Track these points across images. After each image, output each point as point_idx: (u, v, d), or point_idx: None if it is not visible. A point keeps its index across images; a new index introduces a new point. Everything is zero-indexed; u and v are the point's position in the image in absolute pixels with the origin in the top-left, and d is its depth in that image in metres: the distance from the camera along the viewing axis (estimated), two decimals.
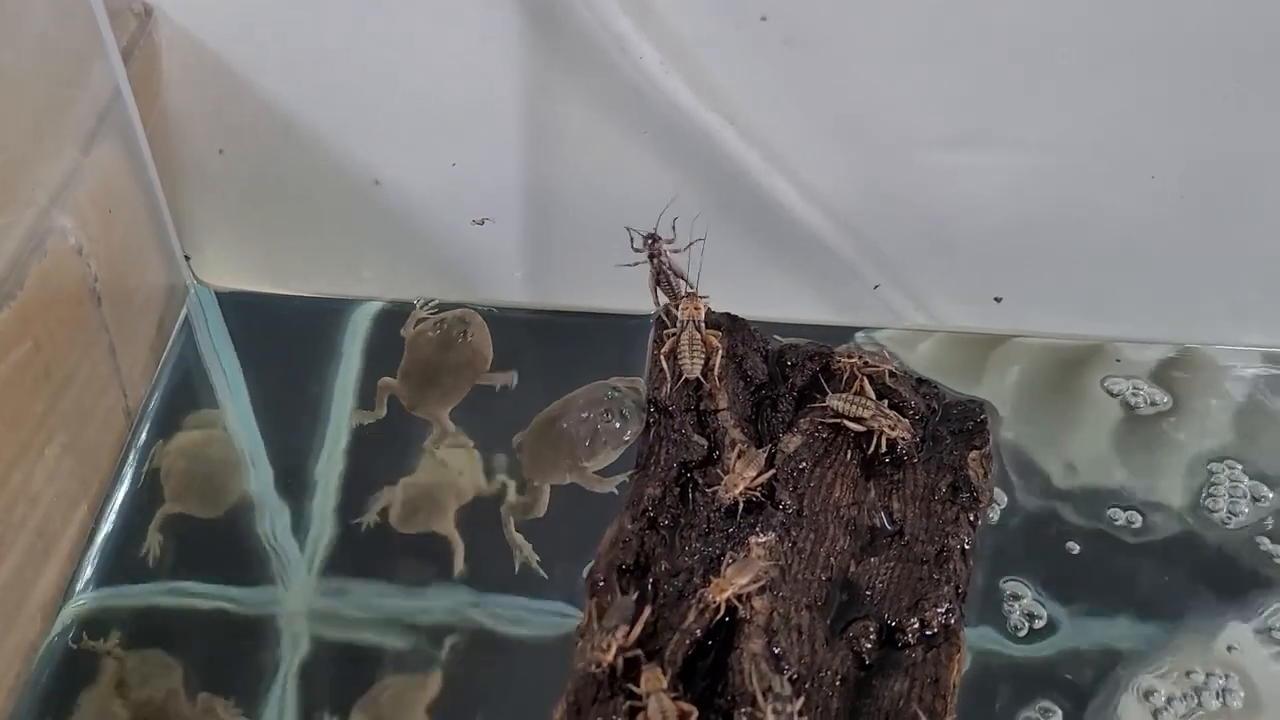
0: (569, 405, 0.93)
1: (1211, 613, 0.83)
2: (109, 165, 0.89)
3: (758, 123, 0.92)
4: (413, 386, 0.97)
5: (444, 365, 0.97)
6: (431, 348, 0.98)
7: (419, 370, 0.97)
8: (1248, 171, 0.92)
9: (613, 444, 0.91)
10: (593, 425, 0.91)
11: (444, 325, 1.00)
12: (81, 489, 0.86)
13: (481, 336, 0.99)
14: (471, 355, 0.98)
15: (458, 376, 0.97)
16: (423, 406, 0.96)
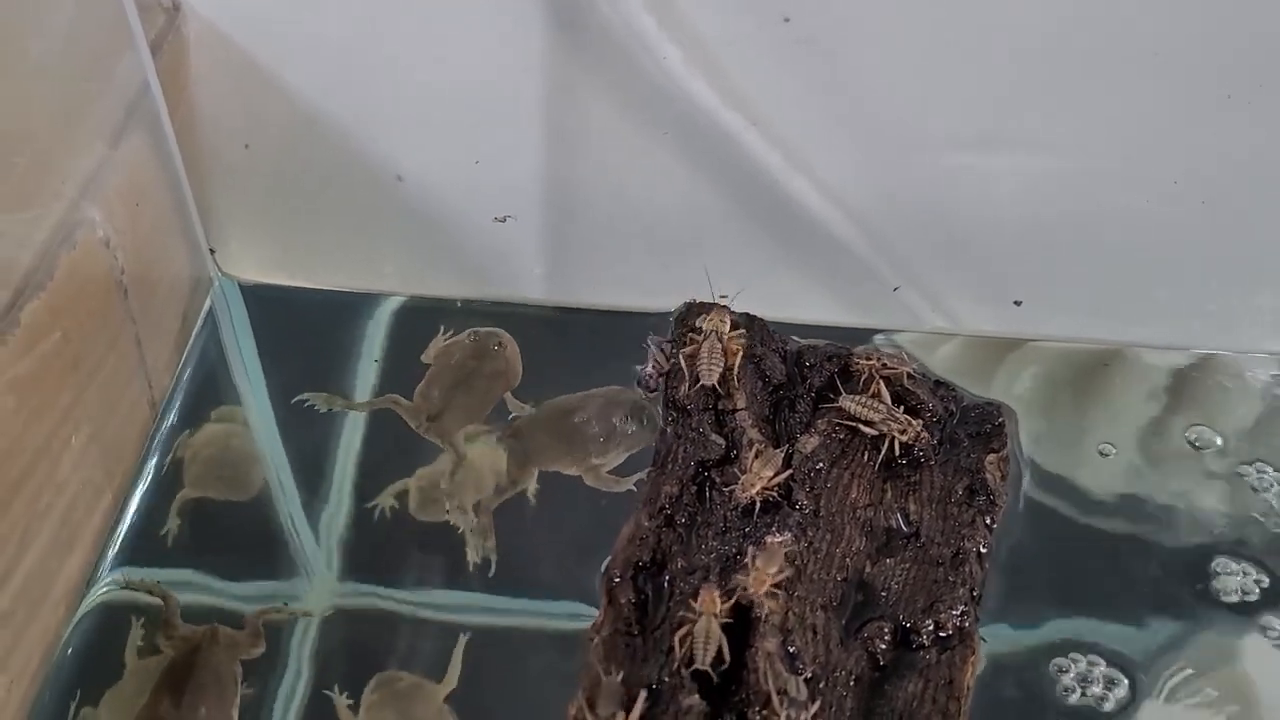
0: (587, 401, 0.94)
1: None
2: (136, 159, 0.90)
3: (779, 124, 0.92)
4: (442, 391, 0.95)
5: (479, 371, 0.97)
6: (465, 354, 0.98)
7: (450, 376, 0.96)
8: (1272, 177, 0.91)
9: (626, 446, 0.91)
10: (610, 425, 0.92)
11: (478, 335, 1.00)
12: (106, 478, 0.87)
13: (514, 352, 0.99)
14: (505, 367, 0.98)
15: (491, 385, 0.96)
16: (448, 414, 0.94)
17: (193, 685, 0.80)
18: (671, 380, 0.87)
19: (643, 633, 0.75)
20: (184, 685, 0.80)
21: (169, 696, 0.79)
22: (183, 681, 0.80)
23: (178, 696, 0.79)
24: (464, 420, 0.94)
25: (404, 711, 0.78)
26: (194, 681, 0.80)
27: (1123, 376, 0.99)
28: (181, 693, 0.79)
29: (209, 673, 0.80)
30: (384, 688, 0.80)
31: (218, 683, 0.80)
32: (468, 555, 0.87)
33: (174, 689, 0.79)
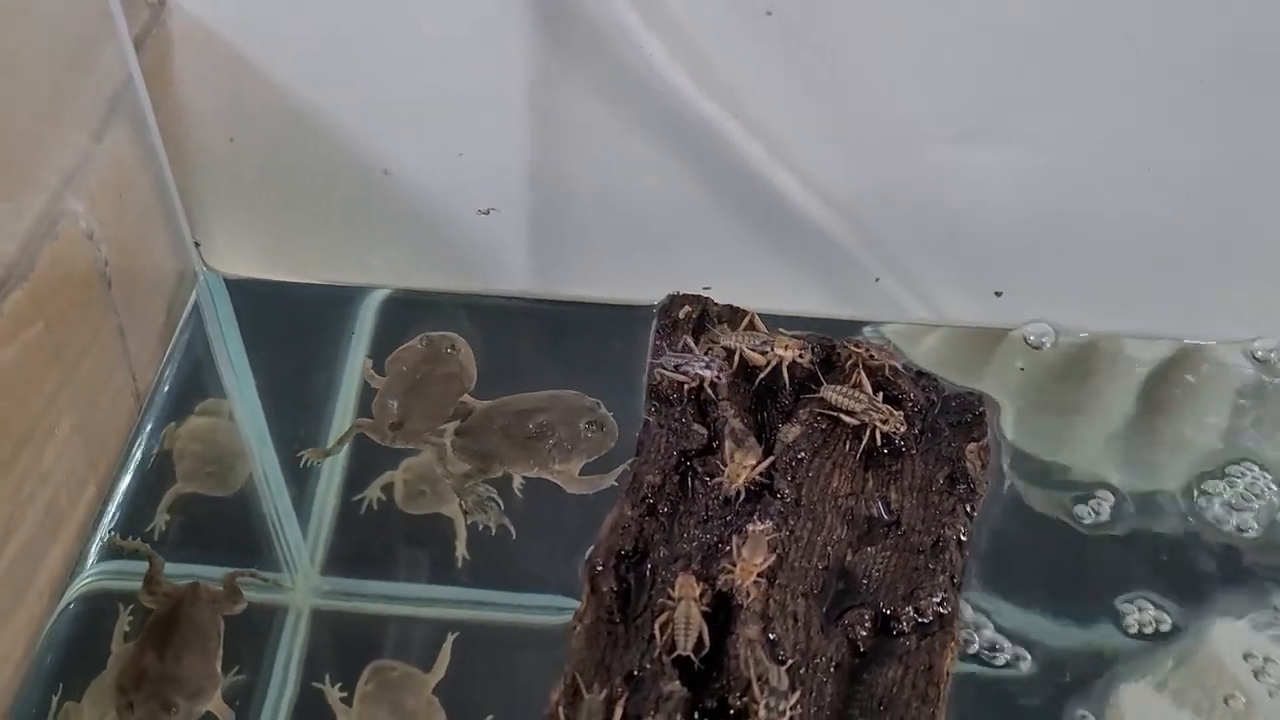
0: (549, 404, 0.94)
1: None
2: (120, 151, 0.90)
3: (762, 115, 0.92)
4: (399, 398, 0.94)
5: (432, 375, 0.96)
6: (418, 359, 0.97)
7: (403, 382, 0.95)
8: (1255, 170, 0.92)
9: (589, 452, 0.91)
10: (576, 431, 0.92)
11: (430, 339, 0.99)
12: (90, 469, 0.87)
13: (468, 354, 0.98)
14: (459, 369, 0.97)
15: (446, 387, 0.95)
16: (410, 421, 0.93)
17: (176, 639, 0.80)
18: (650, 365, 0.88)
19: (625, 621, 0.75)
20: (168, 638, 0.80)
21: (153, 649, 0.80)
22: (167, 635, 0.81)
23: (161, 649, 0.80)
24: (427, 423, 0.94)
25: (395, 702, 0.79)
26: (178, 635, 0.81)
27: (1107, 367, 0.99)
28: (165, 645, 0.80)
29: (192, 626, 0.81)
30: (378, 677, 0.80)
31: (200, 636, 0.81)
32: (490, 522, 0.87)
33: (158, 642, 0.80)
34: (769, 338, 0.87)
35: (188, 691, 0.78)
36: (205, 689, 0.79)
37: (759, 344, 0.86)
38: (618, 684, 0.70)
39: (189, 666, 0.79)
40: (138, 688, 0.78)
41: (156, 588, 0.83)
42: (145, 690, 0.78)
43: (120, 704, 0.78)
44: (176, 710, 0.78)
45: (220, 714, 0.79)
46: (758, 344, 0.86)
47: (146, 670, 0.79)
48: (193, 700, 0.78)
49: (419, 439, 0.93)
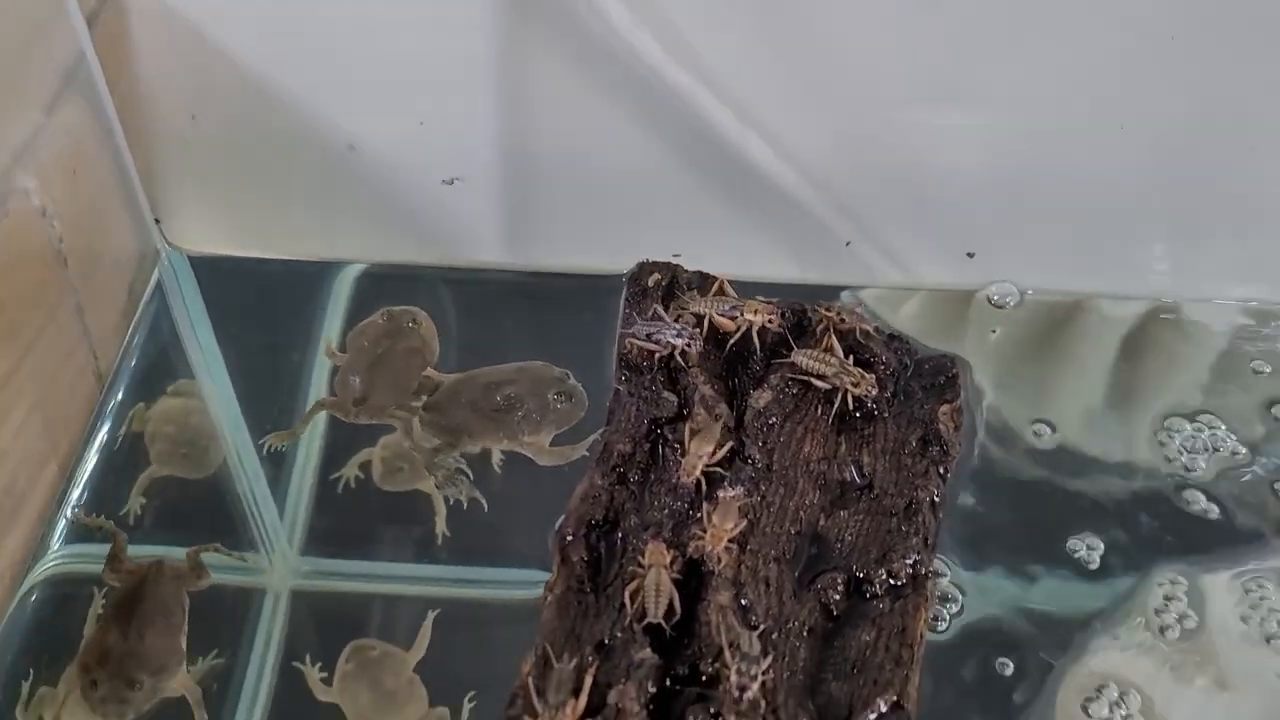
0: (516, 376, 0.93)
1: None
2: (74, 127, 0.89)
3: (731, 81, 0.91)
4: (362, 374, 0.93)
5: (394, 349, 0.95)
6: (379, 334, 0.96)
7: (365, 358, 0.95)
8: (1216, 121, 0.91)
9: (557, 424, 0.91)
10: (545, 402, 0.91)
11: (392, 314, 0.98)
12: (50, 449, 0.86)
13: (430, 328, 0.97)
14: (421, 343, 0.96)
15: (409, 361, 0.94)
16: (374, 396, 0.92)
17: (140, 615, 0.80)
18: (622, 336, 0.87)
19: (595, 590, 0.74)
20: (130, 615, 0.80)
21: (116, 627, 0.79)
22: (129, 612, 0.80)
23: (124, 627, 0.79)
24: (391, 398, 0.93)
25: (376, 681, 0.78)
26: (141, 611, 0.80)
27: (1083, 327, 0.98)
28: (128, 623, 0.79)
29: (155, 603, 0.80)
30: (357, 656, 0.80)
31: (164, 612, 0.80)
32: (460, 496, 0.87)
33: (121, 620, 0.80)
34: (739, 303, 0.86)
35: (151, 668, 0.78)
36: (169, 665, 0.78)
37: (728, 309, 0.85)
38: (588, 653, 0.69)
39: (152, 643, 0.79)
40: (101, 666, 0.77)
41: (120, 565, 0.83)
42: (109, 668, 0.77)
43: (84, 682, 0.77)
44: (140, 687, 0.77)
45: (186, 690, 0.78)
46: (727, 309, 0.85)
47: (110, 648, 0.78)
48: (157, 676, 0.78)
49: (384, 414, 0.92)
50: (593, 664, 0.68)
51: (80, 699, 0.77)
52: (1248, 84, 0.89)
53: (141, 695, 0.77)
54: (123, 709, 0.76)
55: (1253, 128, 0.91)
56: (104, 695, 0.76)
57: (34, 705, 0.77)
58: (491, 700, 0.75)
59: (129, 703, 0.76)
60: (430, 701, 0.78)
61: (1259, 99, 0.90)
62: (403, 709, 0.78)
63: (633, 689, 0.66)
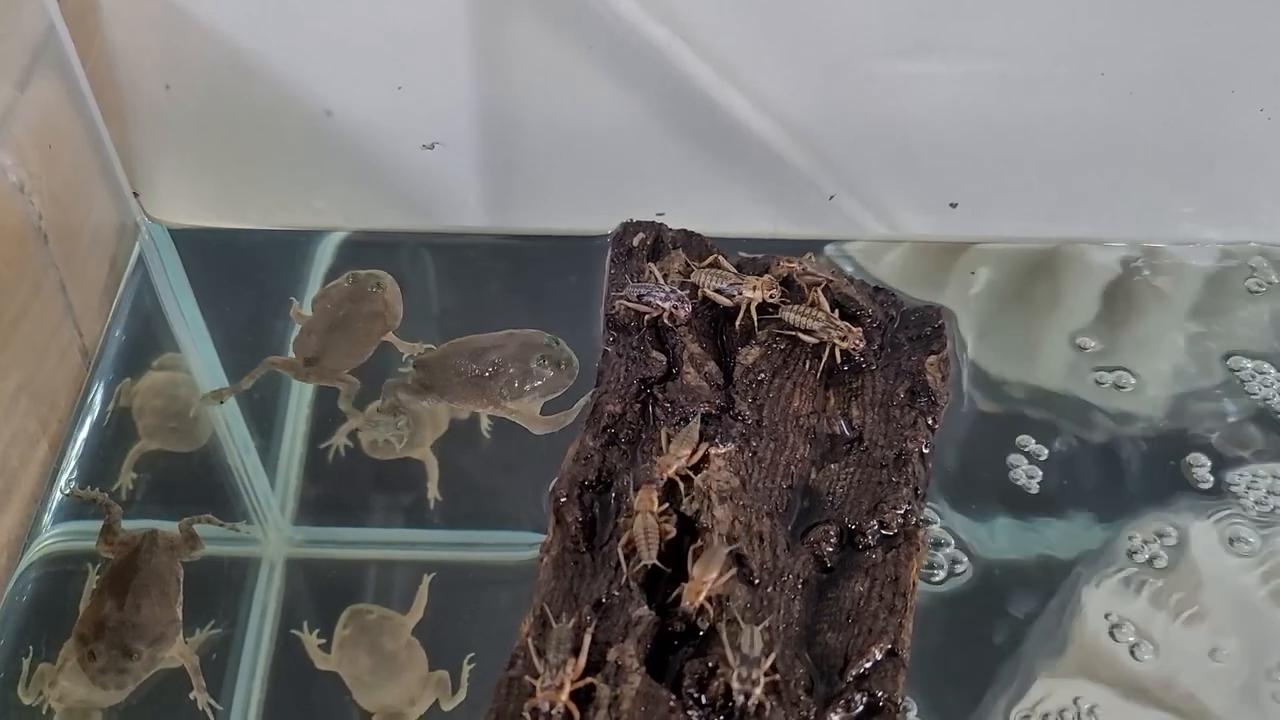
0: (498, 340, 0.93)
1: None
2: (47, 101, 0.88)
3: (709, 37, 0.91)
4: (319, 335, 0.93)
5: (355, 314, 0.94)
6: (342, 295, 0.96)
7: (326, 319, 0.94)
8: (1195, 65, 0.91)
9: (542, 390, 0.90)
10: (527, 368, 0.91)
11: (357, 277, 0.97)
12: (40, 427, 0.86)
13: (394, 293, 0.96)
14: (383, 308, 0.95)
15: (369, 326, 0.94)
16: (328, 358, 0.92)
17: (135, 585, 0.80)
18: (609, 297, 0.87)
19: (591, 550, 0.75)
20: (126, 586, 0.80)
21: (112, 599, 0.79)
22: (125, 583, 0.80)
23: (120, 598, 0.79)
24: (344, 363, 0.92)
25: (374, 644, 0.79)
26: (136, 582, 0.80)
27: (1067, 273, 0.99)
28: (124, 594, 0.79)
29: (150, 573, 0.81)
30: (355, 621, 0.80)
31: (159, 582, 0.80)
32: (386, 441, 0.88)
33: (116, 591, 0.80)
34: (738, 279, 0.84)
35: (148, 638, 0.78)
36: (166, 635, 0.79)
37: (727, 285, 0.84)
38: (586, 612, 0.70)
39: (148, 613, 0.79)
40: (98, 637, 0.78)
41: (113, 537, 0.83)
42: (106, 639, 0.77)
43: (81, 654, 0.77)
44: (138, 657, 0.77)
45: (184, 658, 0.78)
46: (725, 285, 0.84)
47: (106, 619, 0.78)
48: (154, 646, 0.78)
49: (334, 378, 0.92)
50: (591, 623, 0.69)
51: (78, 670, 0.77)
52: (1225, 28, 0.89)
53: (140, 665, 0.77)
54: (121, 679, 0.77)
55: (1231, 71, 0.91)
56: (102, 666, 0.77)
57: (34, 681, 0.77)
58: (490, 660, 0.76)
59: (128, 673, 0.77)
60: (430, 664, 0.79)
61: (1237, 42, 0.90)
62: (402, 672, 0.78)
63: (631, 646, 0.66)
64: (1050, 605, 0.80)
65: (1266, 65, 0.91)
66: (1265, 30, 0.89)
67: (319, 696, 0.78)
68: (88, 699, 0.77)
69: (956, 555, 0.82)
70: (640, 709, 0.64)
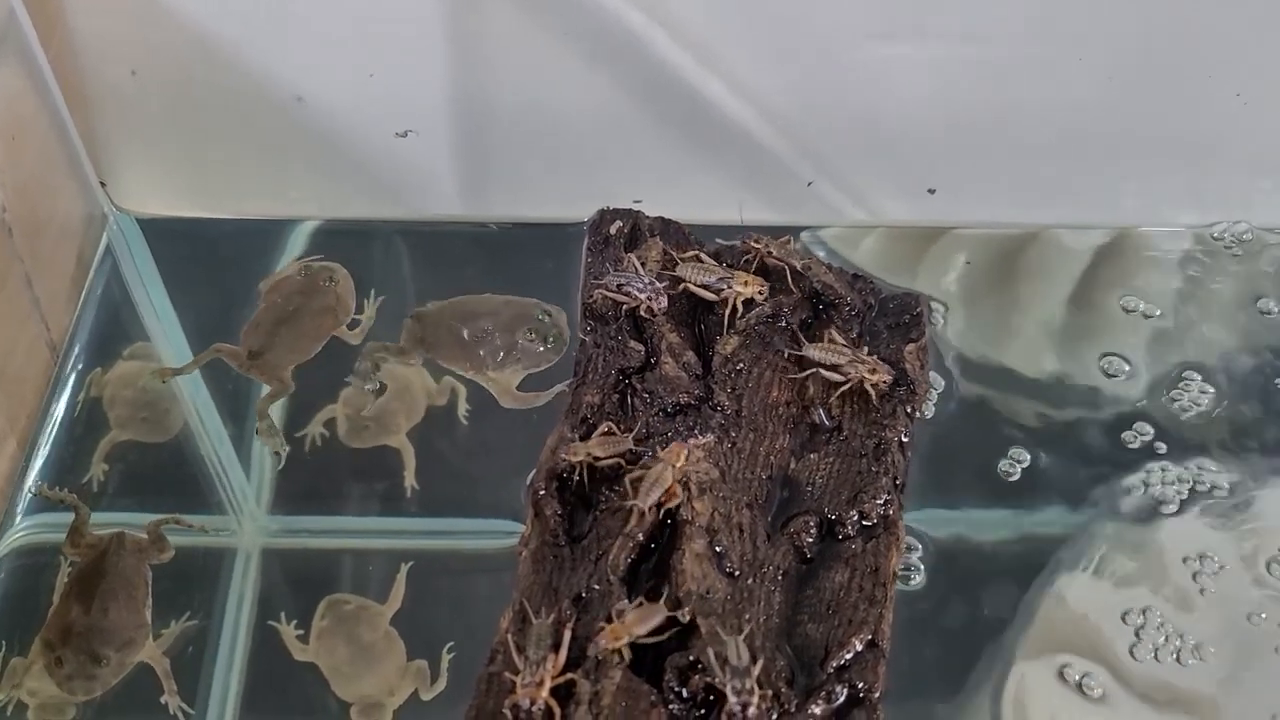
0: (501, 308, 0.92)
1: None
2: (9, 91, 0.86)
3: (686, 22, 0.90)
4: (265, 330, 0.92)
5: (306, 307, 0.93)
6: (293, 288, 0.94)
7: (275, 313, 0.93)
8: (1172, 50, 0.91)
9: (525, 363, 0.90)
10: (513, 340, 0.90)
11: (310, 270, 0.96)
12: (8, 424, 0.85)
13: (347, 287, 0.95)
14: (335, 302, 0.94)
15: (319, 320, 0.93)
16: (272, 353, 0.91)
17: (102, 589, 0.79)
18: (586, 285, 0.86)
19: (571, 543, 0.74)
20: (93, 590, 0.79)
21: (79, 602, 0.78)
22: (91, 587, 0.79)
23: (87, 602, 0.78)
24: (290, 358, 0.91)
25: (352, 635, 0.78)
26: (103, 586, 0.79)
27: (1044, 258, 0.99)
28: (91, 598, 0.79)
29: (117, 576, 0.80)
30: (332, 612, 0.79)
31: (127, 585, 0.79)
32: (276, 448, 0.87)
33: (82, 595, 0.79)
34: (726, 274, 0.84)
35: (117, 643, 0.77)
36: (135, 639, 0.78)
37: (715, 280, 0.84)
38: (566, 607, 0.70)
39: (116, 618, 0.78)
40: (65, 642, 0.77)
41: (80, 539, 0.81)
42: (73, 644, 0.77)
43: (49, 660, 0.76)
44: (107, 662, 0.76)
45: (154, 662, 0.78)
46: (713, 281, 0.84)
47: (72, 624, 0.77)
48: (123, 651, 0.77)
49: (274, 375, 0.90)
50: (571, 618, 0.69)
51: (45, 675, 0.76)
52: (1202, 13, 0.89)
53: (108, 670, 0.76)
54: (90, 685, 0.76)
55: (1209, 57, 0.91)
56: (70, 672, 0.76)
57: (6, 677, 0.76)
58: (470, 650, 0.76)
59: (96, 679, 0.76)
60: (408, 654, 0.78)
61: (1214, 28, 0.90)
62: (381, 662, 0.78)
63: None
64: (1030, 592, 0.80)
65: (1243, 51, 0.91)
66: (1242, 16, 0.89)
67: (297, 688, 0.78)
68: (60, 695, 0.76)
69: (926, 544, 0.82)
70: (621, 704, 0.64)
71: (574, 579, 0.72)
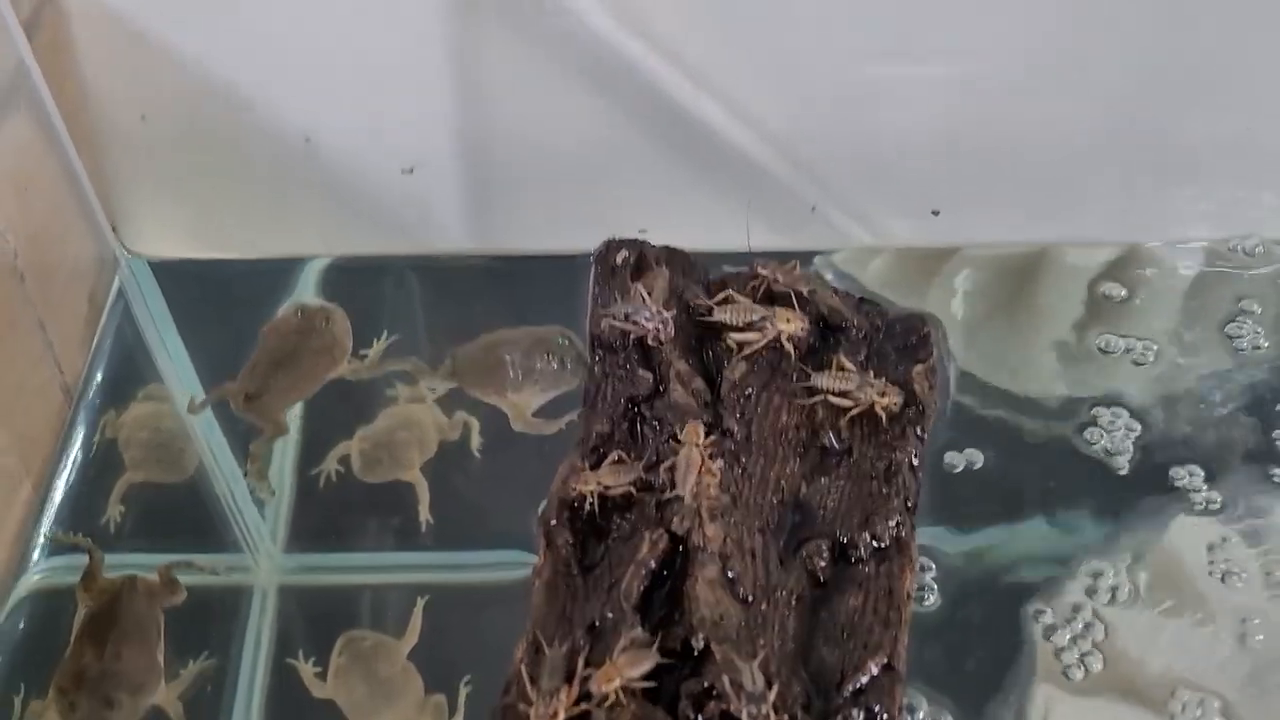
0: (517, 335, 0.94)
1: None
2: (20, 140, 0.87)
3: (684, 50, 0.91)
4: (261, 372, 0.93)
5: (303, 348, 0.95)
6: (290, 330, 0.96)
7: (272, 355, 0.94)
8: (1172, 64, 0.91)
9: (543, 385, 0.91)
10: (532, 362, 0.91)
11: (306, 312, 0.97)
12: (23, 466, 0.86)
13: (343, 328, 0.97)
14: (331, 342, 0.95)
15: (315, 361, 0.94)
16: (268, 395, 0.92)
17: (115, 633, 0.79)
18: (594, 316, 0.87)
19: (583, 572, 0.74)
20: (106, 634, 0.79)
21: (91, 647, 0.79)
22: (104, 630, 0.79)
23: (100, 647, 0.78)
24: (286, 400, 0.92)
25: (369, 671, 0.78)
26: (116, 630, 0.79)
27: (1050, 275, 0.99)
28: (104, 642, 0.79)
29: (130, 620, 0.80)
30: (349, 648, 0.79)
31: (139, 629, 0.80)
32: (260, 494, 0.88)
33: (95, 639, 0.79)
34: (768, 312, 0.83)
35: (129, 687, 0.77)
36: (148, 683, 0.78)
37: (757, 319, 0.83)
38: (580, 636, 0.70)
39: (129, 661, 0.78)
40: (78, 687, 0.77)
41: (93, 584, 0.82)
42: (86, 689, 0.77)
43: (61, 705, 0.76)
44: (120, 707, 0.76)
45: (167, 706, 0.78)
46: (756, 319, 0.83)
47: (85, 669, 0.77)
48: (136, 695, 0.77)
49: (268, 417, 0.91)
50: (584, 647, 0.69)
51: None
52: (1201, 28, 0.89)
53: (121, 715, 0.76)
54: None
55: (1207, 70, 0.91)
56: (83, 717, 0.76)
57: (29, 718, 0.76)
58: (487, 683, 0.76)
59: None
60: (426, 688, 0.78)
61: (1212, 42, 0.90)
62: (399, 698, 0.78)
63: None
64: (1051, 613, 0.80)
65: (1242, 64, 0.91)
66: (1240, 29, 0.89)
67: None
68: None
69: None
70: None
71: (587, 608, 0.72)
